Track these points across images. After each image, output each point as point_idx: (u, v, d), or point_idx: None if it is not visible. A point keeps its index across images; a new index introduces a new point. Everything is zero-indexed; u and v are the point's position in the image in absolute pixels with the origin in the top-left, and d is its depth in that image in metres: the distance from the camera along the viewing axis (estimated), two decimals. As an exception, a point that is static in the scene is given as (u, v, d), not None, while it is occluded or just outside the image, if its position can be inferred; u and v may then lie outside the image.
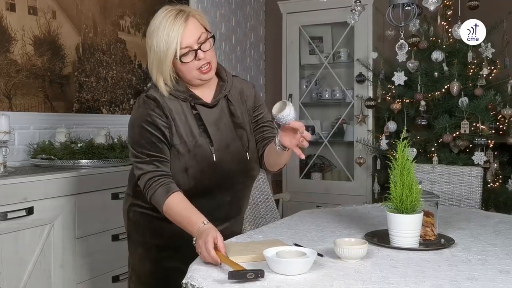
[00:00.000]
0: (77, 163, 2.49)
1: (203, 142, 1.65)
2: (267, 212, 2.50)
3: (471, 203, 2.53)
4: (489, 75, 3.51)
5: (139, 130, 1.64)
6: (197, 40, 1.62)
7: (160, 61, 1.62)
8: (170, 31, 1.59)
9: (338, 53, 4.38)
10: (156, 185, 1.58)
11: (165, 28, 1.60)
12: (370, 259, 1.44)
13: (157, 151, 1.62)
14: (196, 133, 1.66)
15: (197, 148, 1.64)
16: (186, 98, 1.68)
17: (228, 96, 1.75)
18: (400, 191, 1.55)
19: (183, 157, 1.63)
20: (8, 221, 2.01)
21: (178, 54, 1.60)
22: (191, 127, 1.66)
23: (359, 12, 2.20)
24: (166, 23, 1.60)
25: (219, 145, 1.67)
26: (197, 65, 1.63)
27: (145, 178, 1.60)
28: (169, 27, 1.59)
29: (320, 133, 4.43)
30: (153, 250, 1.74)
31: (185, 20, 1.61)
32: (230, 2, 4.48)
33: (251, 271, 1.24)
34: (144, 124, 1.63)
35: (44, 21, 2.78)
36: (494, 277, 1.28)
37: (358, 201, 3.62)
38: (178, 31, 1.59)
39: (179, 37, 1.59)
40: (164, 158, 1.63)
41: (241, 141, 1.72)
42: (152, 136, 1.62)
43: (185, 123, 1.66)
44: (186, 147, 1.64)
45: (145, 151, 1.62)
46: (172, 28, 1.59)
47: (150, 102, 1.65)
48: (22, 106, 2.65)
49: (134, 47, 3.40)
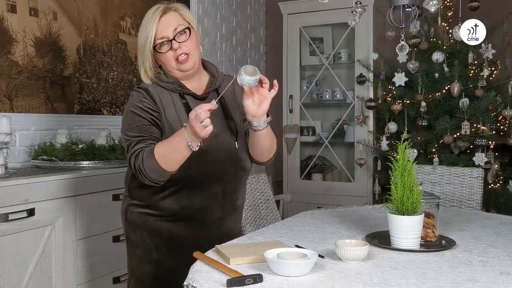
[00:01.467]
0: (78, 164, 2.49)
1: None
2: (268, 213, 2.50)
3: (472, 204, 2.53)
4: (490, 76, 3.51)
5: (130, 116, 1.69)
6: (173, 31, 1.69)
7: (141, 51, 1.72)
8: (148, 22, 1.69)
9: (338, 54, 4.39)
10: (141, 153, 1.59)
11: (145, 21, 1.71)
12: (371, 261, 1.44)
13: (146, 132, 1.65)
14: (185, 121, 1.66)
15: None
16: (175, 88, 1.72)
17: (219, 90, 1.78)
18: (401, 192, 1.55)
19: None
20: (9, 222, 2.01)
21: (152, 44, 1.68)
22: (180, 115, 1.69)
23: (359, 13, 2.20)
24: (147, 17, 1.71)
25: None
26: (174, 55, 1.69)
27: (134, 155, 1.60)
28: (148, 20, 1.69)
29: (321, 134, 4.43)
30: (152, 251, 1.74)
31: (162, 12, 1.70)
32: (231, 3, 4.48)
33: (249, 277, 1.24)
34: (134, 110, 1.68)
35: (45, 22, 2.78)
36: (495, 279, 1.28)
37: (359, 202, 3.62)
38: (154, 22, 1.68)
39: (155, 27, 1.68)
40: (154, 137, 1.65)
41: (231, 131, 1.75)
42: (142, 119, 1.66)
43: (174, 112, 1.70)
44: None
45: (134, 133, 1.65)
46: (150, 20, 1.69)
47: (141, 91, 1.71)
48: (23, 108, 2.65)
49: (135, 48, 3.38)
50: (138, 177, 1.62)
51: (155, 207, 1.72)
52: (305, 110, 4.46)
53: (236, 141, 1.74)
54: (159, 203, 1.71)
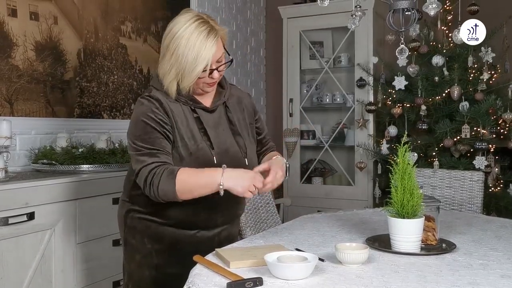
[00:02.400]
0: (78, 168, 2.49)
1: (204, 145, 1.67)
2: (268, 217, 2.49)
3: (472, 207, 2.52)
4: (490, 79, 3.52)
5: (142, 125, 1.64)
6: (218, 62, 1.67)
7: (185, 72, 1.62)
8: (201, 48, 1.60)
9: (338, 58, 4.39)
10: (160, 171, 1.56)
11: (197, 43, 1.60)
12: (371, 264, 1.43)
13: (159, 146, 1.62)
14: (198, 136, 1.68)
15: (199, 151, 1.66)
16: (186, 101, 1.70)
17: (227, 103, 1.80)
18: (401, 195, 1.55)
19: (185, 160, 1.64)
20: (9, 226, 2.01)
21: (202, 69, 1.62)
22: (193, 130, 1.68)
23: (359, 17, 2.20)
24: (198, 38, 1.61)
25: (219, 149, 1.70)
26: (207, 81, 1.67)
27: (148, 168, 1.58)
28: (201, 44, 1.60)
29: (321, 137, 4.43)
30: (152, 256, 1.74)
31: (216, 41, 1.63)
32: (231, 7, 4.49)
33: (249, 280, 1.24)
34: (147, 120, 1.63)
35: (45, 26, 2.79)
36: (495, 282, 1.28)
37: (359, 206, 3.62)
38: (210, 51, 1.61)
39: (211, 58, 1.62)
40: (166, 151, 1.62)
41: (239, 147, 1.75)
42: (154, 131, 1.62)
43: (187, 126, 1.68)
44: (188, 151, 1.65)
45: (146, 145, 1.61)
46: (204, 46, 1.60)
47: (153, 101, 1.67)
48: (23, 111, 2.66)
49: (135, 52, 3.41)
50: (143, 189, 1.60)
51: (159, 215, 1.70)
52: (305, 114, 4.47)
53: (246, 157, 1.75)
54: (163, 212, 1.70)
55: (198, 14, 1.67)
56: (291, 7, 4.45)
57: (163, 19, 3.64)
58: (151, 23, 3.56)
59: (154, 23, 3.58)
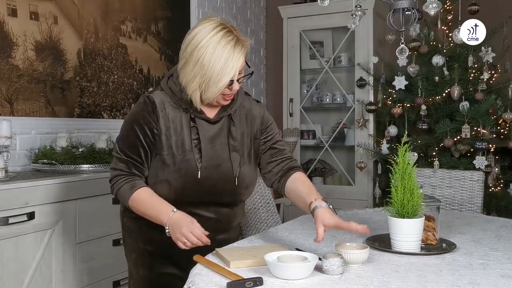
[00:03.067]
0: (78, 168, 2.49)
1: (191, 157, 1.63)
2: (268, 217, 2.49)
3: (472, 207, 2.52)
4: (490, 79, 3.52)
5: (128, 128, 1.67)
6: (239, 74, 1.62)
7: (210, 82, 1.57)
8: (229, 59, 1.55)
9: (338, 58, 4.39)
10: (122, 181, 1.61)
11: (224, 53, 1.55)
12: (371, 264, 1.43)
13: (135, 154, 1.63)
14: (187, 146, 1.64)
15: (183, 162, 1.62)
16: (187, 109, 1.65)
17: (232, 116, 1.72)
18: (401, 195, 1.55)
19: (168, 168, 1.62)
20: (9, 226, 2.01)
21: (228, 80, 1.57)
22: (184, 139, 1.64)
23: (359, 16, 2.20)
24: (226, 48, 1.55)
25: (209, 163, 1.64)
26: (225, 92, 1.61)
27: (114, 173, 1.64)
28: (228, 54, 1.55)
29: (321, 137, 4.43)
30: (146, 255, 1.73)
31: (243, 52, 1.59)
32: (231, 7, 4.49)
33: (249, 280, 1.24)
34: (134, 124, 1.65)
35: (45, 26, 2.78)
36: (495, 282, 1.28)
37: (359, 206, 3.62)
38: (238, 62, 1.57)
39: (238, 70, 1.58)
40: (139, 162, 1.64)
41: (233, 165, 1.68)
42: (137, 138, 1.63)
43: (179, 134, 1.64)
44: (173, 159, 1.62)
45: (124, 149, 1.65)
46: (232, 57, 1.56)
47: (148, 105, 1.65)
48: (23, 111, 2.66)
49: (135, 52, 3.41)
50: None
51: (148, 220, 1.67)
52: (305, 113, 4.47)
53: (236, 177, 1.68)
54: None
55: (222, 22, 1.60)
56: (291, 7, 4.45)
57: (163, 19, 3.65)
58: (151, 23, 3.56)
59: (154, 23, 3.58)
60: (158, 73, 3.53)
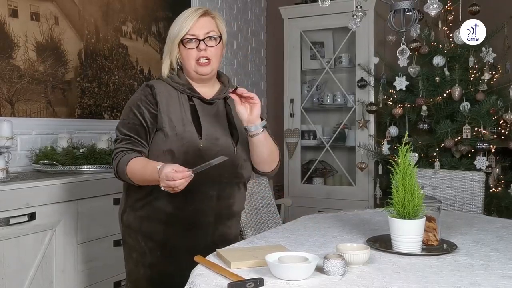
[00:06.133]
0: (79, 168, 2.49)
1: (192, 129, 1.71)
2: (269, 218, 2.49)
3: (473, 208, 2.52)
4: (491, 79, 3.52)
5: (127, 111, 1.76)
6: (205, 34, 1.74)
7: (170, 41, 1.76)
8: (185, 19, 1.74)
9: (339, 58, 4.39)
10: (120, 156, 1.67)
11: (182, 16, 1.76)
12: (372, 265, 1.43)
13: (134, 133, 1.71)
14: (187, 121, 1.72)
15: (185, 133, 1.70)
16: (184, 90, 1.76)
17: (227, 100, 1.84)
18: (402, 196, 1.55)
19: (169, 139, 1.69)
20: (10, 226, 2.01)
21: (182, 37, 1.73)
22: (184, 116, 1.73)
23: (360, 17, 2.20)
24: (185, 14, 1.76)
25: (208, 136, 1.72)
26: (197, 55, 1.73)
27: (115, 151, 1.71)
28: (187, 16, 1.75)
29: (322, 138, 4.43)
30: (146, 254, 1.75)
31: (201, 14, 1.75)
32: (232, 8, 4.49)
33: (250, 281, 1.23)
34: (132, 107, 1.74)
35: (46, 27, 2.79)
36: (496, 283, 1.28)
37: (360, 206, 3.61)
38: (192, 20, 1.73)
39: (190, 25, 1.73)
40: (137, 140, 1.70)
41: (232, 138, 1.78)
42: (135, 117, 1.72)
43: (179, 111, 1.73)
44: (175, 131, 1.69)
45: (124, 130, 1.72)
46: (189, 16, 1.74)
47: (146, 89, 1.76)
48: (24, 112, 2.66)
49: (136, 53, 3.41)
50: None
51: (150, 208, 1.72)
52: (306, 114, 4.47)
53: (236, 147, 1.76)
54: (153, 203, 1.72)
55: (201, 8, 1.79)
56: (292, 7, 4.45)
57: (164, 20, 3.65)
58: (152, 24, 3.56)
59: (155, 23, 3.59)
60: (159, 73, 3.51)
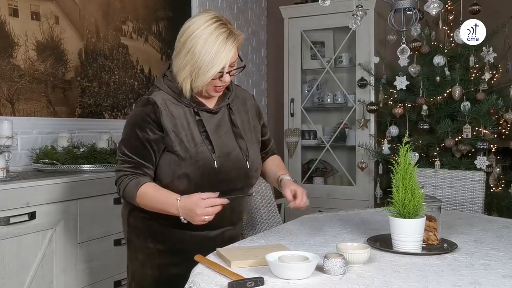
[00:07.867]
0: (79, 167, 2.49)
1: (204, 149, 1.67)
2: (269, 217, 2.49)
3: (473, 207, 2.52)
4: (491, 79, 3.52)
5: (129, 131, 1.70)
6: (231, 66, 1.66)
7: (200, 71, 1.62)
8: (220, 50, 1.60)
9: (340, 58, 4.39)
10: (127, 180, 1.65)
11: (215, 44, 1.60)
12: (372, 264, 1.43)
13: (138, 155, 1.66)
14: (198, 139, 1.67)
15: (199, 154, 1.66)
16: (190, 104, 1.70)
17: (231, 105, 1.80)
18: (403, 195, 1.55)
19: (184, 163, 1.65)
20: (11, 226, 2.01)
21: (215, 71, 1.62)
22: (193, 133, 1.68)
23: (360, 16, 2.20)
24: (217, 40, 1.60)
25: (220, 152, 1.69)
26: (216, 83, 1.67)
27: (118, 175, 1.68)
28: (220, 46, 1.60)
29: (322, 137, 4.43)
30: (155, 256, 1.74)
31: (235, 45, 1.64)
32: (232, 7, 4.49)
33: (250, 280, 1.23)
34: (134, 127, 1.68)
35: (47, 26, 2.79)
36: (497, 282, 1.28)
37: (360, 206, 3.61)
38: (228, 54, 1.62)
39: (228, 61, 1.62)
40: (142, 163, 1.67)
41: (241, 150, 1.75)
42: (137, 139, 1.67)
43: (187, 129, 1.68)
44: (188, 153, 1.65)
45: (126, 151, 1.68)
46: (223, 49, 1.61)
47: (149, 106, 1.68)
48: (24, 111, 2.66)
49: (137, 52, 3.41)
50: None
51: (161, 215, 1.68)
52: (306, 114, 4.46)
53: (247, 160, 1.75)
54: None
55: (217, 15, 1.66)
56: (292, 7, 4.45)
57: (164, 19, 3.65)
58: (152, 23, 3.56)
59: (155, 23, 3.59)
60: (159, 73, 3.51)
